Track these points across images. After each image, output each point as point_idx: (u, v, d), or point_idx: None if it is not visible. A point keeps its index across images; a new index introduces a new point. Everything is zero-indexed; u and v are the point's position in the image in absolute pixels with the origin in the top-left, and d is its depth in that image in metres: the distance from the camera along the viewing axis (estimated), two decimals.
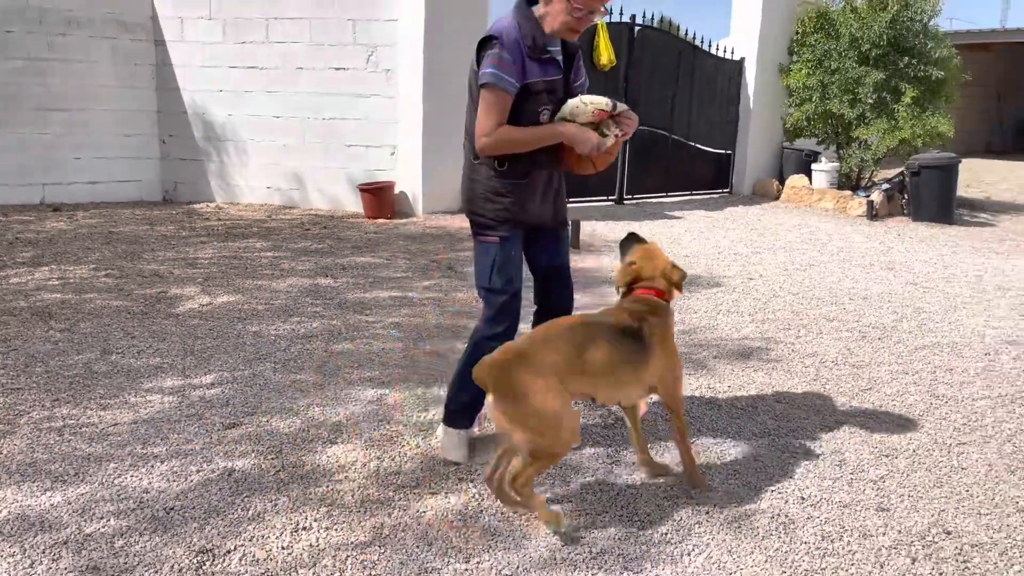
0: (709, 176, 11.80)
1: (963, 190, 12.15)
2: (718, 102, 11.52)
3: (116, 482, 3.12)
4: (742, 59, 11.51)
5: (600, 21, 9.79)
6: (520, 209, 3.18)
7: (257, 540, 2.76)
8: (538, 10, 3.07)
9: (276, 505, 2.98)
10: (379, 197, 8.91)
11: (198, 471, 3.22)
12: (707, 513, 3.02)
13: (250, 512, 2.93)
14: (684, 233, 8.82)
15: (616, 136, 3.09)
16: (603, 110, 3.07)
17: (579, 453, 3.45)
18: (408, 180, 9.08)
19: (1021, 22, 18.05)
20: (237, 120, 9.52)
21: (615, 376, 2.98)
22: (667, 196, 11.26)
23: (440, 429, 3.42)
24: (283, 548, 2.72)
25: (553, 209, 3.32)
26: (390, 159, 9.19)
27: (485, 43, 3.03)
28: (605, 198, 10.66)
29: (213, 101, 9.53)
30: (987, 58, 19.04)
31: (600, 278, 6.61)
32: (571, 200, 10.10)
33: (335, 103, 9.18)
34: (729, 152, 11.85)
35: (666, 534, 2.87)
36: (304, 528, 2.84)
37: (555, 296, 3.44)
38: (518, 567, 2.66)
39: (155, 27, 9.55)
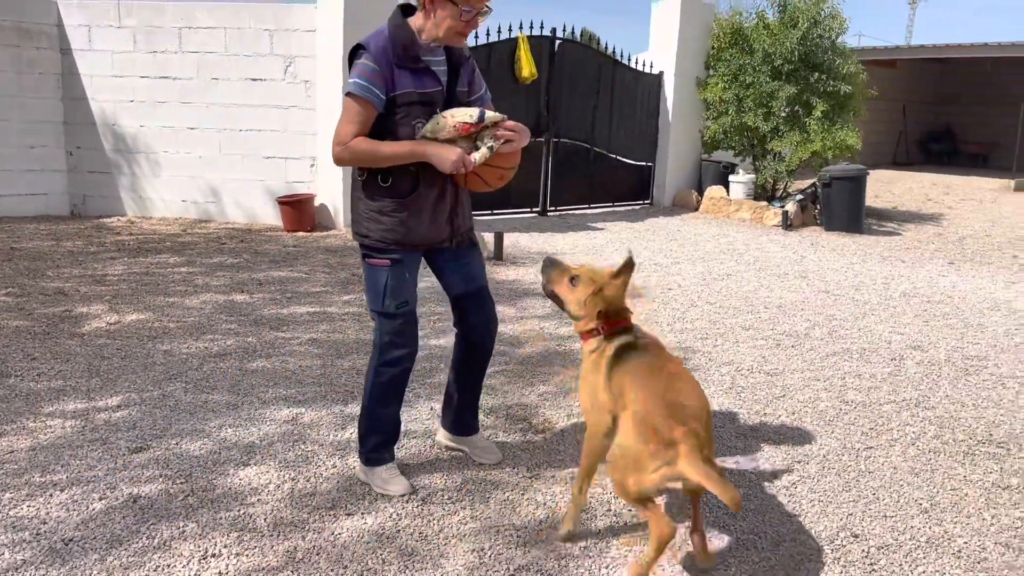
0: (631, 188, 11.99)
1: (872, 200, 12.63)
2: (638, 115, 11.72)
3: (11, 513, 2.95)
4: (661, 73, 11.74)
5: (521, 35, 9.87)
6: (407, 230, 3.02)
7: (163, 570, 2.65)
8: (415, 20, 2.94)
9: (184, 532, 2.87)
10: (298, 210, 8.75)
11: (101, 499, 3.07)
12: (625, 526, 3.04)
13: (155, 540, 2.81)
14: (606, 244, 8.92)
15: (490, 148, 2.94)
16: (466, 123, 2.92)
17: (499, 469, 3.43)
18: (329, 192, 8.94)
19: (925, 39, 18.90)
20: (150, 131, 9.23)
21: None
22: (590, 208, 11.38)
23: (362, 474, 3.27)
24: None
25: (450, 229, 3.13)
26: (310, 171, 9.04)
27: (354, 52, 2.93)
28: (528, 210, 10.72)
29: (124, 111, 9.21)
30: (892, 74, 19.88)
31: (524, 290, 6.62)
32: (494, 212, 10.18)
33: (252, 114, 8.99)
34: (650, 164, 12.06)
35: (585, 548, 2.87)
36: (213, 555, 2.74)
37: (473, 320, 3.31)
38: None
39: (61, 35, 9.18)
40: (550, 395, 4.34)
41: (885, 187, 15.45)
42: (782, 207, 10.93)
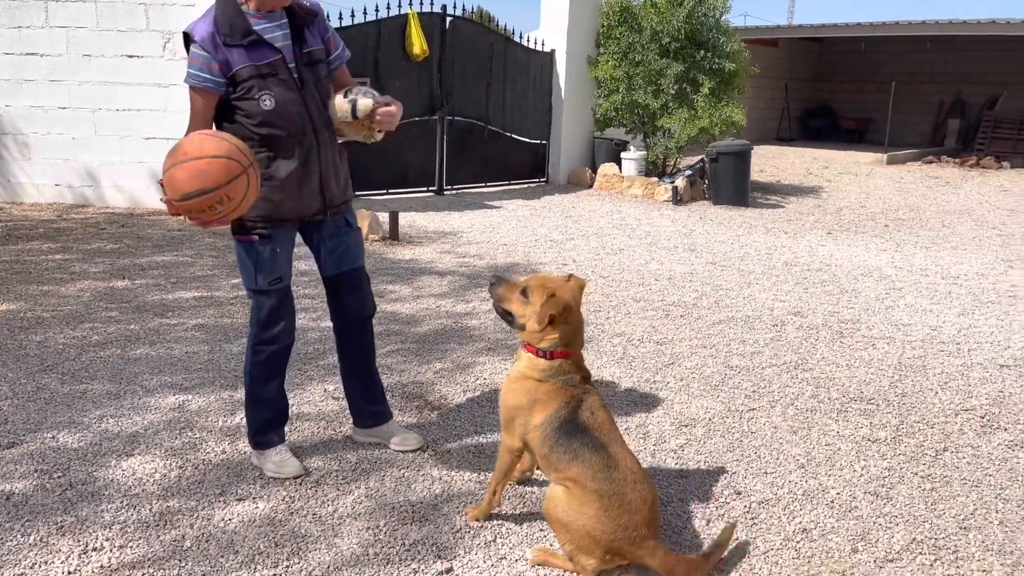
0: (526, 166, 12.06)
1: (756, 175, 13.12)
2: (532, 93, 11.78)
3: None
4: (552, 51, 11.82)
5: (411, 11, 9.75)
6: (273, 205, 2.93)
7: (39, 567, 2.53)
8: None
9: (62, 527, 2.75)
10: None
11: None
12: (519, 497, 3.09)
13: (31, 538, 2.68)
14: (503, 222, 8.97)
15: (369, 135, 3.03)
16: (346, 122, 3.02)
17: (389, 448, 3.42)
18: None
19: (805, 19, 19.65)
20: (16, 112, 8.67)
21: None
22: (486, 186, 11.40)
23: (254, 458, 3.22)
24: (69, 573, 2.51)
25: (321, 200, 3.04)
26: None
27: (186, 41, 2.87)
28: (424, 189, 10.64)
29: None
30: (774, 53, 20.63)
31: (420, 269, 6.59)
32: (389, 192, 10.08)
33: (130, 93, 8.57)
34: (544, 142, 12.16)
35: (482, 525, 2.90)
36: (95, 549, 2.64)
37: (348, 302, 3.25)
38: (330, 567, 2.60)
39: None
40: (446, 372, 4.35)
41: (769, 162, 16.06)
42: (672, 183, 11.22)
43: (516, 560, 2.68)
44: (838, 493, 3.22)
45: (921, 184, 13.85)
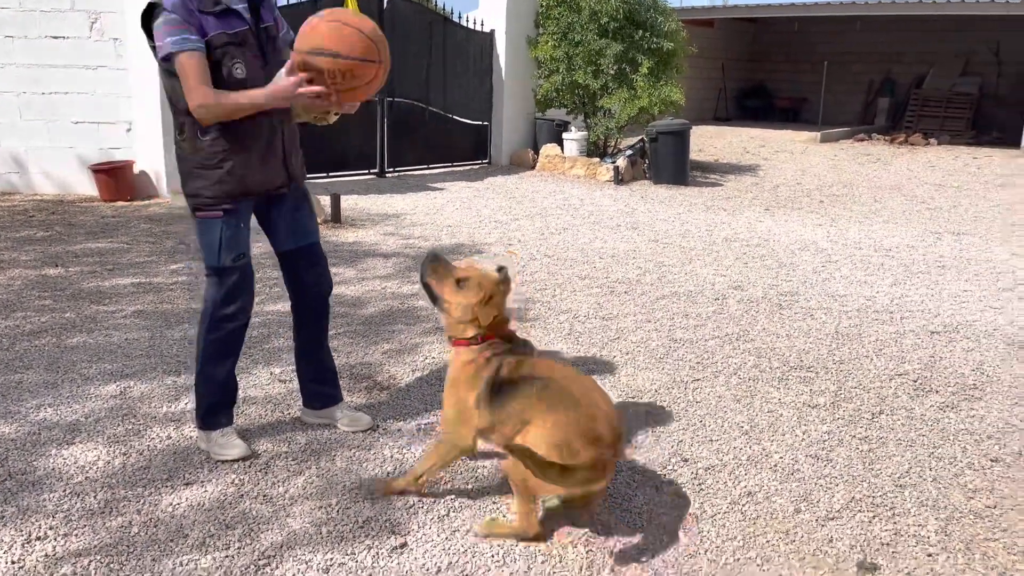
0: (469, 147, 12.02)
1: (696, 154, 13.31)
2: (472, 74, 11.73)
3: None
4: (492, 31, 11.78)
5: None
6: (237, 180, 2.92)
7: None
8: None
9: (3, 517, 2.68)
10: (115, 178, 8.19)
11: None
12: (469, 472, 3.10)
13: None
14: (446, 204, 8.93)
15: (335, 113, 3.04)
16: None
17: (338, 429, 3.40)
18: (148, 158, 8.41)
19: (741, 0, 19.93)
20: None
21: None
22: (428, 168, 11.33)
23: (201, 441, 3.17)
24: (13, 563, 2.45)
25: (285, 173, 3.07)
26: (126, 136, 8.46)
27: (149, 13, 2.79)
28: (367, 172, 10.54)
29: None
30: (711, 33, 20.88)
31: (364, 252, 6.54)
32: (330, 175, 9.94)
33: (56, 76, 8.28)
34: (486, 123, 12.13)
35: (434, 501, 2.91)
36: (38, 538, 2.58)
37: (306, 279, 3.24)
38: (283, 546, 2.59)
39: None
40: (394, 352, 4.34)
41: (708, 141, 16.30)
42: (613, 163, 11.31)
43: (467, 532, 2.70)
44: (781, 457, 3.32)
45: (854, 161, 14.21)
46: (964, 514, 2.92)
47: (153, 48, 2.81)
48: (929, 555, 2.68)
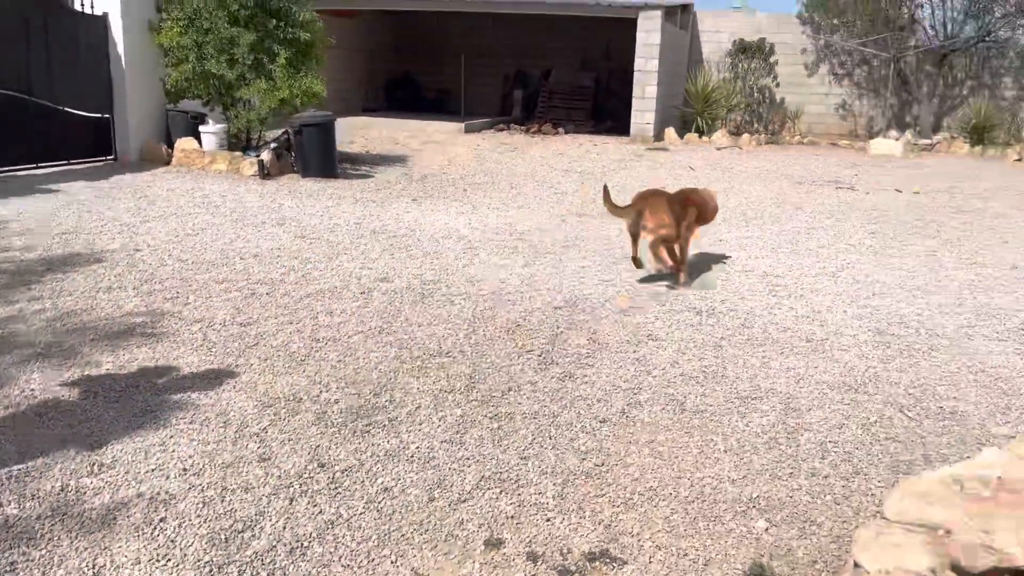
0: (89, 143, 10.75)
1: (347, 146, 13.25)
2: (85, 62, 10.49)
3: None
4: (105, 14, 10.62)
5: None
6: None
7: None
8: None
9: None
10: None
11: None
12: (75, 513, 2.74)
13: None
14: (61, 207, 7.90)
15: None
16: None
17: None
18: None
19: None
20: None
21: None
22: (38, 168, 9.94)
23: None
24: None
25: None
26: None
27: None
28: None
29: None
30: (355, 24, 20.92)
31: None
32: None
33: None
34: (108, 116, 10.95)
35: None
36: None
37: None
38: None
39: None
40: None
41: (359, 132, 16.32)
42: (258, 156, 10.86)
43: None
44: (417, 447, 3.37)
45: (495, 151, 15.13)
46: (578, 475, 3.20)
47: None
48: (548, 520, 2.88)
